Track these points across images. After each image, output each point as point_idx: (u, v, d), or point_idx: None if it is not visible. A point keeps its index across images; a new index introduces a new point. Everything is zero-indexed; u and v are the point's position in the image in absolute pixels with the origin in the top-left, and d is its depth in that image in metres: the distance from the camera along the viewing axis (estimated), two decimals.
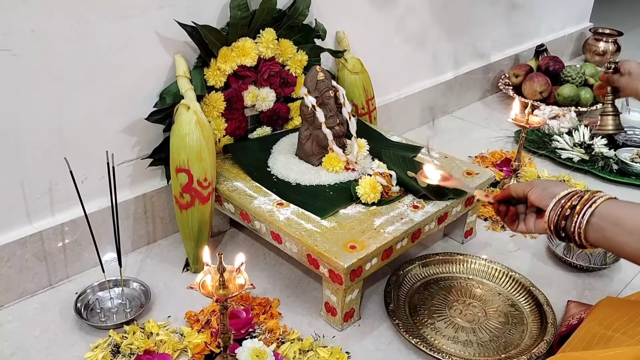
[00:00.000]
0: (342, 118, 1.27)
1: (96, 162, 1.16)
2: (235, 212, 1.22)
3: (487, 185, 1.29)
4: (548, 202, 0.86)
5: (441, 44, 1.93)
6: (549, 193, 0.87)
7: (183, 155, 1.13)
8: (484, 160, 1.72)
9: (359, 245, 1.05)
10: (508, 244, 1.38)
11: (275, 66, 1.33)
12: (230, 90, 1.28)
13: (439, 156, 1.36)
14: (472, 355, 1.04)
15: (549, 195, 0.87)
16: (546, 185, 0.89)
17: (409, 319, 1.12)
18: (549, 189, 0.88)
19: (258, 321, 1.10)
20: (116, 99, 1.17)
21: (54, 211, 1.16)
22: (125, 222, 1.26)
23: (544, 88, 2.04)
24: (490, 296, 1.19)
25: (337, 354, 1.03)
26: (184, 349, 1.03)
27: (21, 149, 1.07)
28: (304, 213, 1.13)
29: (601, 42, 2.59)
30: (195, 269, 1.23)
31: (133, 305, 1.14)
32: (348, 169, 1.26)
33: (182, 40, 1.21)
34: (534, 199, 0.89)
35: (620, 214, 0.80)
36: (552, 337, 1.06)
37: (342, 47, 1.53)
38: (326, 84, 1.24)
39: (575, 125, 1.84)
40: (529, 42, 2.40)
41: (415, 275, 1.24)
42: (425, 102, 1.95)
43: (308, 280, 1.23)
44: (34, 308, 1.14)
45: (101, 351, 1.02)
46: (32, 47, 1.02)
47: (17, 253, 1.12)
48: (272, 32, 1.30)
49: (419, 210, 1.16)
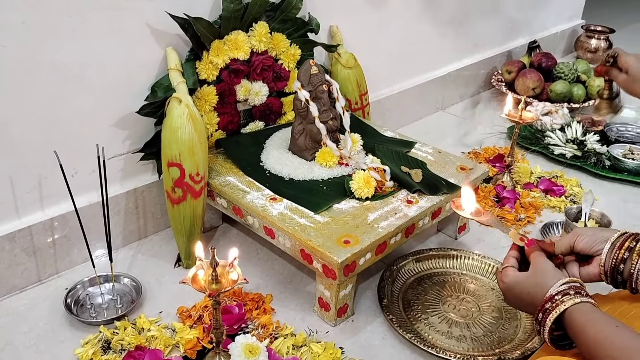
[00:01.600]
0: (336, 112, 1.26)
1: (86, 156, 1.14)
2: (227, 207, 1.20)
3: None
4: (601, 247, 0.85)
5: (434, 39, 1.93)
6: (600, 237, 0.86)
7: (175, 149, 1.11)
8: (477, 156, 1.72)
9: (353, 240, 1.04)
10: (501, 239, 1.37)
11: (268, 60, 1.32)
12: (222, 84, 1.26)
13: (432, 151, 1.36)
14: (466, 350, 1.04)
15: (601, 240, 0.85)
16: (594, 231, 0.87)
17: (402, 314, 1.12)
18: (598, 233, 0.86)
19: (251, 317, 1.09)
20: (107, 92, 1.15)
21: (44, 206, 1.15)
22: (116, 217, 1.24)
23: (536, 84, 2.04)
24: (484, 291, 1.19)
25: (331, 349, 1.02)
26: (175, 345, 1.02)
27: (10, 143, 1.06)
28: (297, 208, 1.12)
29: (593, 39, 2.59)
30: (187, 265, 1.22)
31: (124, 300, 1.13)
32: (342, 164, 1.25)
33: (174, 33, 1.20)
34: (582, 247, 0.87)
35: None
36: None
37: (336, 42, 1.52)
38: (320, 78, 1.23)
39: (568, 121, 1.84)
40: (522, 39, 2.40)
41: (409, 270, 1.23)
42: (418, 98, 1.95)
43: (301, 276, 1.23)
44: (23, 304, 1.12)
45: (92, 347, 1.00)
46: (22, 39, 1.01)
47: (6, 248, 1.10)
48: (265, 25, 1.29)
49: (412, 205, 1.15)
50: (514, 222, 1.42)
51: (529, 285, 0.85)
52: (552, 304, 0.80)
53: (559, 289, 0.81)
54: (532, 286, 0.84)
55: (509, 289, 0.88)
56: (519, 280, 0.87)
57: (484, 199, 1.49)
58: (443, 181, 1.22)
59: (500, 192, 1.51)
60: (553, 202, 1.51)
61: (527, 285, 0.85)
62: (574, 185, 1.58)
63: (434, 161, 1.31)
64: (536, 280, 0.84)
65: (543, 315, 0.80)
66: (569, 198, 1.53)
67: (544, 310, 0.80)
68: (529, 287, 0.85)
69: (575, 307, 0.78)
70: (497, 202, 1.49)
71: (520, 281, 0.86)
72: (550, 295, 0.80)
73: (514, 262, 0.91)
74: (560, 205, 1.49)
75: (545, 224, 1.38)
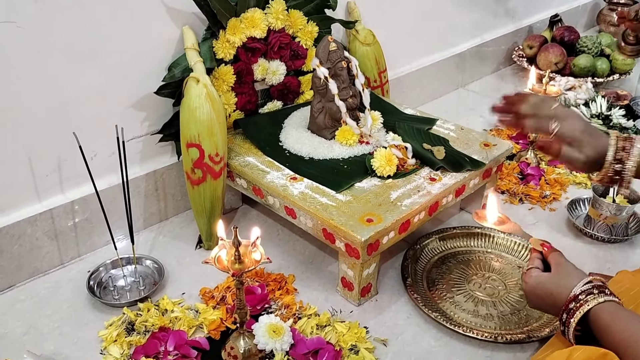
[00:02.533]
0: (355, 90, 1.24)
1: (104, 138, 1.13)
2: (247, 188, 1.19)
3: (508, 153, 1.26)
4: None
5: (453, 15, 1.89)
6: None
7: (194, 130, 1.10)
8: (499, 133, 1.68)
9: (376, 218, 1.02)
10: (526, 216, 1.34)
11: (285, 38, 1.29)
12: (239, 63, 1.24)
13: (455, 128, 1.33)
14: (494, 329, 1.02)
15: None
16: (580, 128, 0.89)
17: (427, 293, 1.10)
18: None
19: (274, 297, 1.08)
20: (123, 72, 1.14)
21: (64, 189, 1.14)
22: (136, 199, 1.23)
23: (559, 59, 1.99)
24: (510, 269, 1.17)
25: (355, 328, 1.01)
26: (199, 326, 1.02)
27: (28, 125, 1.05)
28: (318, 187, 1.11)
29: (616, 12, 2.52)
30: (209, 246, 1.21)
31: (146, 282, 1.13)
32: (362, 142, 1.22)
33: (190, 11, 1.18)
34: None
35: None
36: None
37: (353, 18, 1.49)
38: (338, 54, 1.20)
39: (592, 96, 1.79)
40: (542, 13, 2.34)
41: (432, 249, 1.21)
42: (438, 75, 1.91)
43: (323, 256, 1.21)
44: (46, 287, 1.12)
45: (115, 329, 1.00)
46: (36, 19, 0.99)
47: (28, 232, 1.10)
48: (281, 2, 1.26)
49: (436, 183, 1.13)
50: (539, 199, 1.39)
51: (552, 285, 0.84)
52: (576, 303, 0.79)
53: (583, 289, 0.80)
54: (556, 286, 0.83)
55: (532, 290, 0.87)
56: (541, 281, 0.86)
57: (507, 176, 1.46)
58: (467, 158, 1.19)
59: (524, 169, 1.48)
60: (579, 178, 1.47)
61: (550, 286, 0.84)
62: None
63: (457, 138, 1.28)
64: (559, 281, 0.84)
65: (567, 316, 0.79)
66: None
67: (567, 311, 0.79)
68: (552, 288, 0.84)
69: (600, 307, 0.77)
70: (521, 179, 1.46)
71: (543, 281, 0.86)
72: (574, 295, 0.80)
73: (538, 264, 0.90)
74: (586, 181, 1.46)
75: (572, 201, 1.35)
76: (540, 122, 0.91)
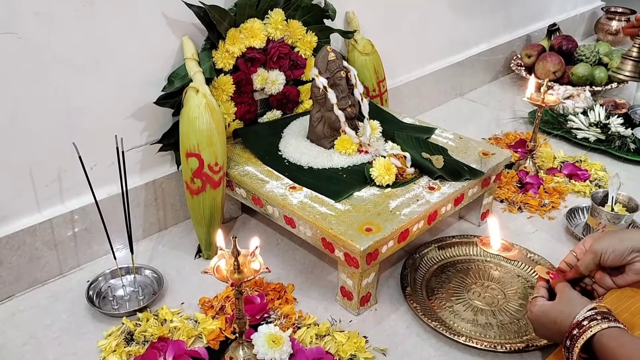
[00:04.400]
0: (354, 99, 1.24)
1: (104, 148, 1.14)
2: (247, 197, 1.19)
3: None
4: (632, 257, 0.86)
5: (452, 25, 1.90)
6: (625, 248, 0.86)
7: (193, 140, 1.10)
8: (498, 142, 1.69)
9: (375, 227, 1.02)
10: (525, 225, 1.35)
11: (284, 48, 1.30)
12: (239, 73, 1.25)
13: (453, 137, 1.33)
14: (493, 338, 1.02)
15: (628, 250, 0.86)
16: (614, 243, 0.87)
17: (426, 302, 1.10)
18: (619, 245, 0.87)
19: (273, 307, 1.08)
20: (123, 82, 1.14)
21: (63, 199, 1.14)
22: (135, 209, 1.24)
23: (557, 68, 2.00)
24: (509, 278, 1.17)
25: (355, 338, 1.01)
26: (198, 336, 1.01)
27: (27, 135, 1.05)
28: (317, 196, 1.11)
29: (614, 20, 2.54)
30: (208, 255, 1.21)
31: (146, 292, 1.13)
32: (361, 151, 1.23)
33: (190, 22, 1.18)
34: (611, 263, 0.88)
35: None
36: None
37: (352, 28, 1.50)
38: (337, 64, 1.21)
39: (591, 104, 1.80)
40: (541, 22, 2.35)
41: (431, 258, 1.21)
42: (436, 84, 1.92)
43: (322, 265, 1.21)
44: (45, 297, 1.12)
45: (115, 339, 1.00)
46: (37, 30, 1.00)
47: (27, 242, 1.10)
48: (280, 12, 1.27)
49: (435, 192, 1.13)
50: (538, 207, 1.39)
51: (556, 313, 0.84)
52: (579, 330, 0.79)
53: (586, 315, 0.80)
54: (559, 314, 0.84)
55: (537, 318, 0.87)
56: (545, 309, 0.86)
57: (506, 184, 1.46)
58: (465, 167, 1.20)
59: (523, 178, 1.48)
60: (577, 186, 1.47)
61: (554, 314, 0.85)
62: (599, 170, 1.55)
63: (455, 147, 1.29)
64: (562, 308, 0.84)
65: (571, 342, 0.79)
66: (593, 182, 1.50)
67: (571, 337, 0.80)
68: (556, 315, 0.84)
69: (604, 332, 0.77)
70: (520, 187, 1.47)
71: (547, 310, 0.86)
72: (577, 322, 0.80)
73: (543, 292, 0.90)
74: (585, 189, 1.46)
75: (571, 209, 1.35)
76: None
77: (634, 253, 0.86)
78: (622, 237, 0.88)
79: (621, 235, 0.89)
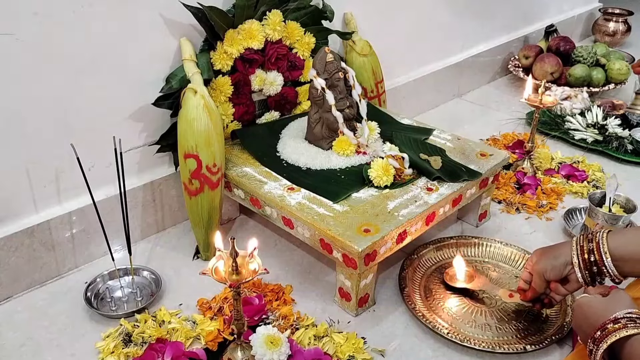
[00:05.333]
0: (352, 100, 1.24)
1: (102, 149, 1.14)
2: (245, 198, 1.19)
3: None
4: (568, 270, 0.94)
5: (450, 25, 1.90)
6: (560, 264, 0.94)
7: (191, 141, 1.10)
8: (495, 143, 1.69)
9: (373, 228, 1.02)
10: (523, 226, 1.35)
11: (282, 49, 1.30)
12: (237, 74, 1.25)
13: (451, 138, 1.33)
14: (491, 339, 1.02)
15: (563, 265, 0.94)
16: (551, 262, 0.96)
17: (424, 303, 1.10)
18: (554, 262, 0.95)
19: (271, 308, 1.08)
20: (121, 84, 1.14)
21: (61, 200, 1.14)
22: (133, 210, 1.23)
23: (555, 69, 2.01)
24: (507, 279, 1.17)
25: (353, 339, 1.01)
26: (196, 337, 1.01)
27: (25, 136, 1.05)
28: (315, 197, 1.11)
29: (611, 22, 2.55)
30: (206, 257, 1.21)
31: (144, 293, 1.12)
32: (359, 153, 1.23)
33: (188, 23, 1.18)
34: (554, 278, 0.96)
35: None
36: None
37: (350, 29, 1.50)
38: (335, 65, 1.21)
39: (588, 105, 1.80)
40: (538, 23, 2.36)
41: (429, 259, 1.21)
42: (434, 85, 1.92)
43: (320, 266, 1.21)
44: (43, 298, 1.12)
45: (113, 340, 1.00)
46: (35, 31, 1.00)
47: (25, 243, 1.10)
48: (278, 13, 1.27)
49: (433, 193, 1.13)
50: (536, 208, 1.39)
51: (600, 306, 0.84)
52: (614, 324, 0.78)
53: (626, 315, 0.79)
54: (603, 307, 0.83)
55: (581, 306, 0.86)
56: (591, 300, 0.86)
57: (504, 185, 1.46)
58: (463, 168, 1.20)
59: (520, 179, 1.48)
60: (575, 187, 1.48)
61: (598, 306, 0.84)
62: (596, 170, 1.55)
63: (453, 148, 1.29)
64: (607, 303, 0.83)
65: (601, 334, 0.78)
66: (591, 183, 1.50)
67: (603, 329, 0.78)
68: (598, 308, 0.83)
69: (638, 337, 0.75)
70: (518, 188, 1.47)
71: (592, 300, 0.86)
72: (615, 317, 0.79)
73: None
74: (582, 190, 1.47)
75: (568, 210, 1.36)
76: None
77: (568, 266, 0.94)
78: (556, 254, 0.95)
79: (555, 252, 0.96)
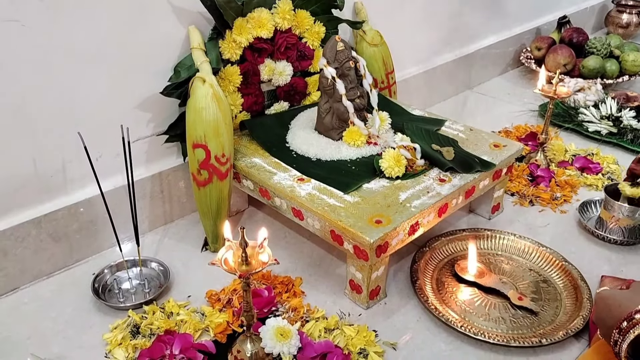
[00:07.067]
0: (363, 90, 1.22)
1: (110, 139, 1.12)
2: (254, 189, 1.17)
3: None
4: None
5: (461, 17, 1.87)
6: None
7: (200, 130, 1.08)
8: (508, 135, 1.66)
9: (385, 219, 1.00)
10: (537, 219, 1.32)
11: (292, 38, 1.28)
12: (246, 63, 1.23)
13: (464, 129, 1.31)
14: (506, 332, 1.00)
15: None
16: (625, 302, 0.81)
17: (437, 295, 1.08)
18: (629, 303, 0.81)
19: (281, 300, 1.06)
20: (129, 72, 1.13)
21: (68, 190, 1.13)
22: (141, 201, 1.22)
23: (568, 60, 1.97)
24: (521, 272, 1.14)
25: (364, 332, 0.99)
26: (205, 329, 1.00)
27: (31, 125, 1.04)
28: (326, 188, 1.09)
29: (624, 13, 2.50)
30: (215, 248, 1.20)
31: (152, 285, 1.11)
32: (370, 143, 1.21)
33: (196, 11, 1.17)
34: None
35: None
36: (589, 312, 1.01)
37: (361, 18, 1.48)
38: (346, 54, 1.19)
39: (602, 97, 1.77)
40: (550, 15, 2.32)
41: (442, 251, 1.19)
42: (446, 77, 1.89)
43: (330, 259, 1.19)
44: (50, 290, 1.11)
45: (120, 332, 0.99)
46: (41, 18, 0.98)
47: (32, 234, 1.09)
48: (288, 2, 1.25)
49: (445, 184, 1.11)
50: (549, 201, 1.37)
51: (624, 298, 0.80)
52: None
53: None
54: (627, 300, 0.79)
55: (604, 299, 0.83)
56: (614, 292, 0.83)
57: (517, 177, 1.44)
58: (476, 159, 1.18)
59: (534, 171, 1.46)
60: (589, 180, 1.45)
61: (622, 298, 0.80)
62: (611, 163, 1.52)
63: (466, 139, 1.27)
64: (633, 295, 0.80)
65: (628, 324, 0.75)
66: (606, 176, 1.48)
67: (629, 319, 0.75)
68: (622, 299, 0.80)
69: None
70: (531, 181, 1.44)
71: (616, 293, 0.82)
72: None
73: None
74: (597, 183, 1.44)
75: (583, 202, 1.33)
76: None
77: None
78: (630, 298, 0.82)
79: (629, 296, 0.83)
